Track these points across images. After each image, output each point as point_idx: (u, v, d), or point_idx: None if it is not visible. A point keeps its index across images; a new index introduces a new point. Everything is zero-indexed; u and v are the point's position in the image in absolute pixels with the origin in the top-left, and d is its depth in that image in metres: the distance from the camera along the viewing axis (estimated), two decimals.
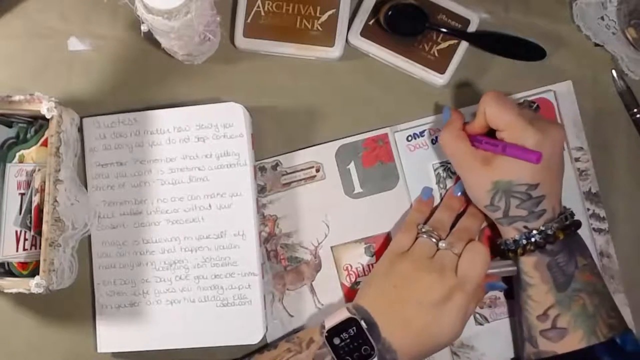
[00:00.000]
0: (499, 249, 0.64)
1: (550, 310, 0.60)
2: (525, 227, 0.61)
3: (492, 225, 0.67)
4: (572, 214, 0.62)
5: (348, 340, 0.59)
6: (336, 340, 0.60)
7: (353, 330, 0.60)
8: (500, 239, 0.64)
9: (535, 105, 0.66)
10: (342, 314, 0.61)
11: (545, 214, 0.60)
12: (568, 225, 0.61)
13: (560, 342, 0.60)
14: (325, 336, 0.60)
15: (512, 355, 0.67)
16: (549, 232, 0.60)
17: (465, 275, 0.60)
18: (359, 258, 0.68)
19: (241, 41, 0.68)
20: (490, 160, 0.60)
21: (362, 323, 0.60)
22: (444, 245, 0.62)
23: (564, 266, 0.60)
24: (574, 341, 0.59)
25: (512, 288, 0.67)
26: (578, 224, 0.62)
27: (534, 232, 0.60)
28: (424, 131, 0.68)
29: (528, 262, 0.61)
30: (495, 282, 0.65)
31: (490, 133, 0.62)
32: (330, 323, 0.61)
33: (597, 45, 0.70)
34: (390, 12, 0.66)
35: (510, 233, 0.62)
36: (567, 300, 0.60)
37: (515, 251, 0.61)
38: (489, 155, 0.61)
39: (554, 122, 0.62)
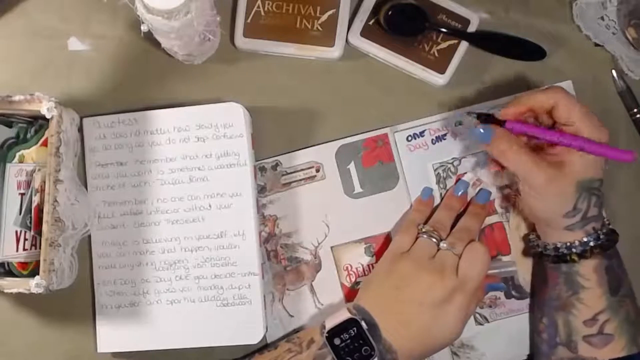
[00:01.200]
0: (553, 253, 0.61)
1: (600, 314, 0.59)
2: (593, 228, 0.60)
3: (492, 226, 0.67)
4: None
5: (348, 341, 0.59)
6: (337, 341, 0.60)
7: (354, 330, 0.59)
8: (557, 243, 0.61)
9: None
10: (343, 315, 0.61)
11: (601, 214, 0.60)
12: (612, 228, 0.61)
13: (604, 349, 0.59)
14: (326, 337, 0.60)
15: (511, 355, 0.67)
16: (609, 232, 0.60)
17: (466, 276, 0.60)
18: (359, 258, 0.67)
19: (241, 41, 0.68)
20: (560, 161, 0.59)
21: (363, 324, 0.60)
22: (445, 245, 0.62)
23: (618, 270, 0.60)
24: (617, 348, 0.59)
25: (514, 288, 0.67)
26: (616, 231, 0.62)
27: (600, 233, 0.60)
28: (424, 131, 0.68)
29: (588, 265, 0.60)
30: (496, 283, 0.65)
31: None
32: (330, 323, 0.61)
33: (597, 45, 0.70)
34: (390, 12, 0.66)
35: (576, 236, 0.60)
36: (616, 306, 0.59)
37: (582, 254, 0.60)
38: (553, 157, 0.59)
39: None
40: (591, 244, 0.60)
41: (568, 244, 0.61)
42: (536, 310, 0.66)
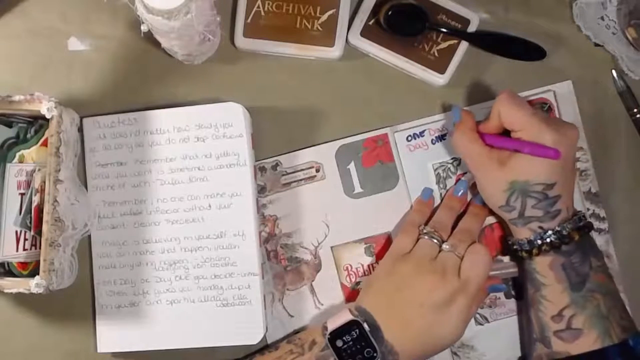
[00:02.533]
0: (511, 249, 0.64)
1: (565, 310, 0.60)
2: (540, 227, 0.60)
3: (492, 226, 0.67)
4: (584, 216, 0.62)
5: (351, 343, 0.59)
6: (339, 343, 0.60)
7: (356, 332, 0.59)
8: (512, 239, 0.63)
9: (546, 107, 0.66)
10: (345, 316, 0.61)
11: (560, 214, 0.60)
12: (582, 226, 0.61)
13: (575, 343, 0.59)
14: (328, 338, 0.60)
15: (511, 355, 0.67)
16: (564, 232, 0.60)
17: (468, 278, 0.60)
18: (359, 258, 0.67)
19: (241, 41, 0.68)
20: (506, 160, 0.60)
21: (365, 325, 0.60)
22: (447, 247, 0.62)
23: (579, 266, 0.60)
24: (589, 342, 0.59)
25: (518, 289, 0.67)
26: (591, 226, 0.62)
27: (549, 232, 0.60)
28: (424, 131, 0.68)
29: (542, 262, 0.61)
30: (497, 285, 0.65)
31: (505, 134, 0.62)
32: (332, 325, 0.61)
33: (597, 45, 0.70)
34: (390, 12, 0.66)
35: (524, 233, 0.61)
36: (582, 301, 0.59)
37: (530, 251, 0.61)
38: (504, 155, 0.60)
39: (568, 122, 0.62)
40: (538, 242, 0.60)
41: (518, 240, 0.62)
42: (523, 307, 0.66)
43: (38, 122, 0.65)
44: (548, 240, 0.60)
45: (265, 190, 0.68)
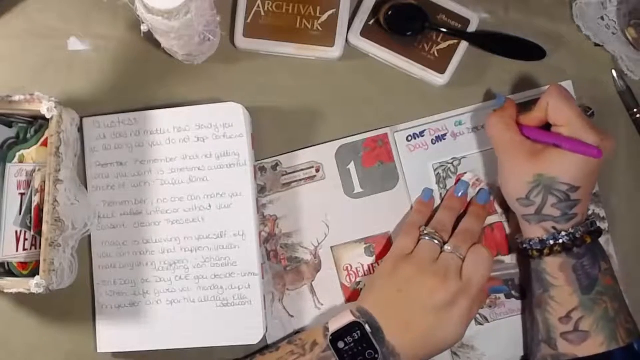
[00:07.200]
0: (520, 248, 0.64)
1: (573, 312, 0.60)
2: (554, 227, 0.60)
3: (493, 226, 0.67)
4: (595, 221, 0.62)
5: (352, 344, 0.59)
6: (340, 344, 0.59)
7: (357, 334, 0.59)
8: (522, 237, 0.63)
9: (590, 112, 0.66)
10: (346, 318, 0.61)
11: (575, 218, 0.60)
12: (593, 231, 0.61)
13: (582, 346, 0.59)
14: (330, 340, 0.60)
15: (511, 355, 0.67)
16: (577, 235, 0.60)
17: (470, 280, 0.60)
18: (359, 258, 0.67)
19: (241, 41, 0.68)
20: (539, 153, 0.60)
21: (367, 327, 0.60)
22: (449, 248, 0.62)
23: (589, 269, 0.60)
24: (595, 345, 0.59)
25: (521, 288, 0.67)
26: (601, 231, 0.62)
27: (563, 233, 0.60)
28: (424, 131, 0.68)
29: (553, 263, 0.61)
30: (498, 286, 0.65)
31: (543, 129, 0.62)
32: (334, 326, 0.61)
33: (597, 45, 0.70)
34: (390, 12, 0.66)
35: (536, 232, 0.61)
36: (590, 304, 0.59)
37: (541, 251, 0.61)
38: (538, 147, 0.60)
39: (608, 132, 0.61)
40: (550, 242, 0.60)
41: (529, 239, 0.62)
42: (527, 307, 0.66)
43: (38, 122, 0.65)
44: (561, 241, 0.60)
45: (265, 190, 0.68)
